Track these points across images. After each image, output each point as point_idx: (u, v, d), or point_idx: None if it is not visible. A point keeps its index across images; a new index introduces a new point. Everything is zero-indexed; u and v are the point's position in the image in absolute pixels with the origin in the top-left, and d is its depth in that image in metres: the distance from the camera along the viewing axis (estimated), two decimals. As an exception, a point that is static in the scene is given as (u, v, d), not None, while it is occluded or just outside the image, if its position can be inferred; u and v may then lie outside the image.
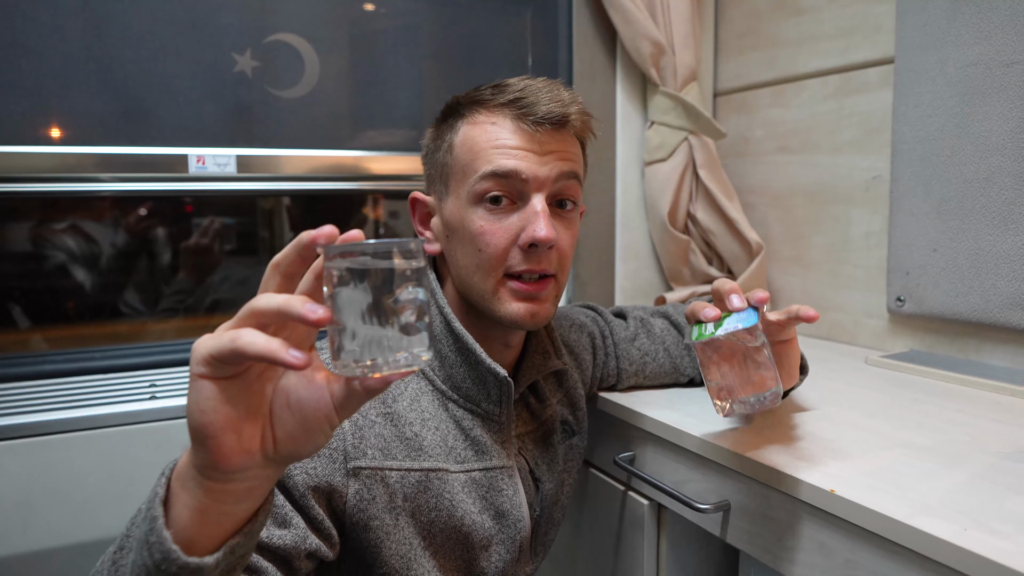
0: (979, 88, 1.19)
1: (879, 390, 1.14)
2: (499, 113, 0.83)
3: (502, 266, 0.82)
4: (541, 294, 0.84)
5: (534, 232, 0.80)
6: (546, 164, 0.82)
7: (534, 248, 0.81)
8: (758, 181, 1.67)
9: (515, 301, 0.83)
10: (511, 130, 0.82)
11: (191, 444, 0.49)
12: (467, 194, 0.82)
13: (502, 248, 0.82)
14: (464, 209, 0.83)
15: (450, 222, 0.85)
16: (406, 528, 0.80)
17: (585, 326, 1.11)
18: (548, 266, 0.83)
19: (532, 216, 0.81)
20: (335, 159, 1.43)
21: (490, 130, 0.83)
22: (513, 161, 0.81)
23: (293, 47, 1.39)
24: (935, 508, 0.71)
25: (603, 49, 1.62)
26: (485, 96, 0.85)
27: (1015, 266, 1.16)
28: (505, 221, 0.82)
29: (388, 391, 0.83)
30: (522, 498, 0.89)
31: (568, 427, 1.02)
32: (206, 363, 0.47)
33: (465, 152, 0.83)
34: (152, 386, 1.23)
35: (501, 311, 0.83)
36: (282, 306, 0.46)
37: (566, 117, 0.83)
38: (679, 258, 1.66)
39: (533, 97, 0.82)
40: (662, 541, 1.08)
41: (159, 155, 1.27)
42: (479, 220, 0.82)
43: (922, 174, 1.29)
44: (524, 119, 0.82)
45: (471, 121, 0.84)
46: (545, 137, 0.82)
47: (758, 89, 1.65)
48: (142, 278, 1.41)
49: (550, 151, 0.83)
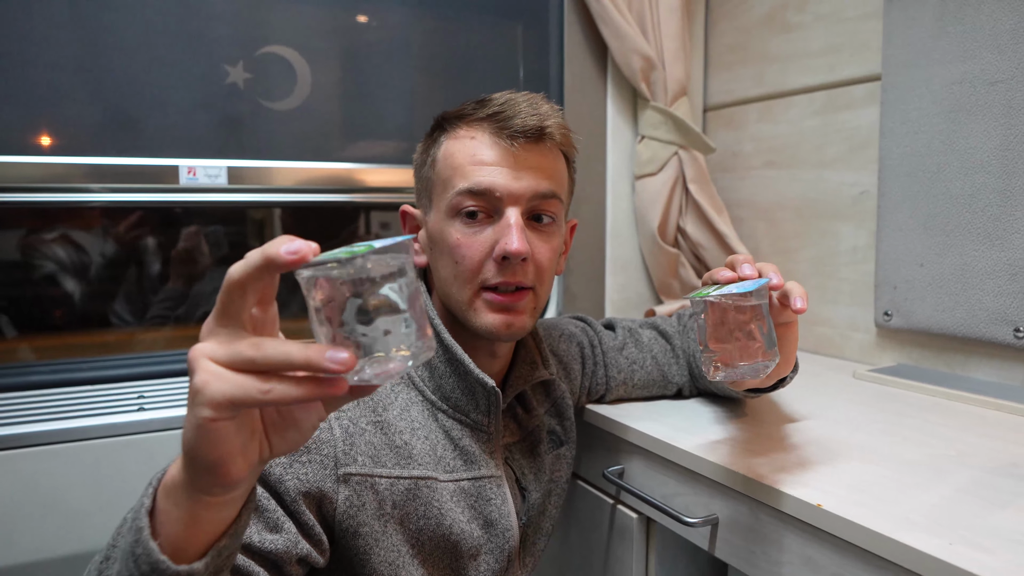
0: (964, 106, 1.21)
1: (866, 404, 1.15)
2: (478, 127, 0.85)
3: (477, 278, 0.84)
4: (517, 305, 0.85)
5: (506, 245, 0.81)
6: (521, 179, 0.83)
7: (507, 261, 0.82)
8: (747, 195, 1.68)
9: (490, 312, 0.84)
10: (488, 144, 0.84)
11: (189, 469, 0.48)
12: (445, 207, 0.85)
13: (477, 260, 0.83)
14: (443, 222, 0.85)
15: (432, 235, 0.88)
16: (395, 535, 0.81)
17: (574, 336, 1.12)
18: (524, 278, 0.84)
19: (505, 229, 0.82)
20: (326, 171, 1.43)
21: (468, 145, 0.85)
22: (488, 178, 0.82)
23: (285, 59, 1.39)
24: (921, 523, 0.72)
25: (594, 64, 1.63)
26: (467, 111, 0.87)
27: (1000, 281, 1.18)
28: (481, 235, 0.84)
29: (378, 400, 0.84)
30: (510, 507, 0.90)
31: (555, 437, 1.03)
32: (221, 408, 0.45)
33: (445, 167, 0.86)
34: (140, 397, 1.23)
35: (477, 322, 0.85)
36: (311, 361, 0.45)
37: (543, 130, 0.84)
38: (669, 271, 1.67)
39: (511, 110, 0.84)
40: (651, 555, 1.08)
41: (150, 166, 1.27)
42: (456, 233, 0.84)
43: (909, 190, 1.30)
44: (501, 133, 0.83)
45: (452, 136, 0.87)
46: (522, 152, 0.84)
47: (747, 104, 1.67)
48: (130, 288, 1.40)
49: (528, 166, 0.84)
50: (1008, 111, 1.15)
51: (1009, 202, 1.16)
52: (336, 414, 0.79)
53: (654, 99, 1.59)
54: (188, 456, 0.47)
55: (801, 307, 0.76)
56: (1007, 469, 0.86)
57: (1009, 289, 1.17)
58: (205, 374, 0.45)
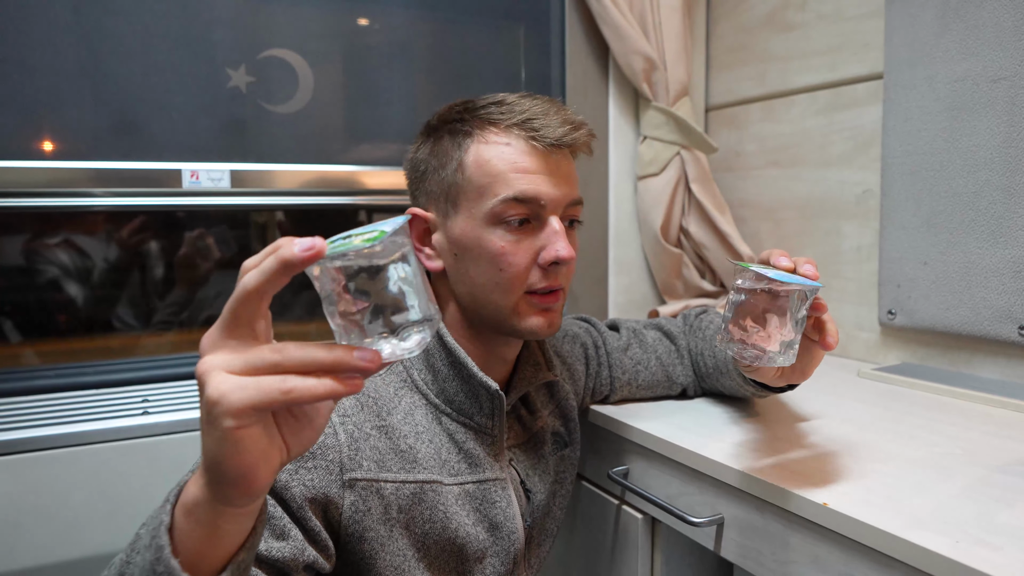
0: (967, 103, 1.21)
1: (871, 403, 1.15)
2: (511, 134, 0.84)
3: (523, 284, 0.85)
4: (555, 306, 0.87)
5: (557, 252, 0.83)
6: (559, 186, 0.85)
7: (555, 267, 0.84)
8: (749, 195, 1.68)
9: (534, 315, 0.86)
10: (525, 151, 0.84)
11: (214, 483, 0.48)
12: (484, 214, 0.83)
13: (524, 267, 0.84)
14: (480, 229, 0.84)
15: (461, 241, 0.85)
16: (400, 540, 0.81)
17: (578, 336, 1.12)
18: (563, 281, 0.87)
19: (552, 236, 0.84)
20: (328, 174, 1.43)
21: (506, 152, 0.84)
22: (533, 186, 0.83)
23: (287, 62, 1.40)
24: (927, 521, 0.72)
25: (596, 65, 1.63)
26: (494, 115, 0.85)
27: (1004, 279, 1.17)
28: (525, 242, 0.84)
29: (382, 404, 0.83)
30: (515, 510, 0.90)
31: (559, 438, 1.03)
32: (244, 415, 0.45)
33: (480, 173, 0.84)
34: (144, 401, 1.23)
35: (522, 325, 0.86)
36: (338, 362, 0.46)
37: (577, 141, 0.86)
38: (672, 272, 1.67)
39: (545, 119, 0.84)
40: (656, 555, 1.08)
41: (153, 170, 1.27)
42: (499, 240, 0.83)
43: (912, 188, 1.30)
44: (539, 141, 0.84)
45: (482, 140, 0.85)
46: (557, 159, 0.85)
47: (749, 104, 1.66)
48: (134, 292, 1.40)
49: (562, 174, 0.86)
50: (1011, 108, 1.15)
51: (1013, 199, 1.16)
52: (341, 419, 0.79)
53: (656, 99, 1.59)
54: (213, 471, 0.47)
55: (831, 344, 0.79)
56: (1013, 467, 0.86)
57: (1013, 287, 1.16)
58: (221, 385, 0.45)
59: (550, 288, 0.86)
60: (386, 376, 0.86)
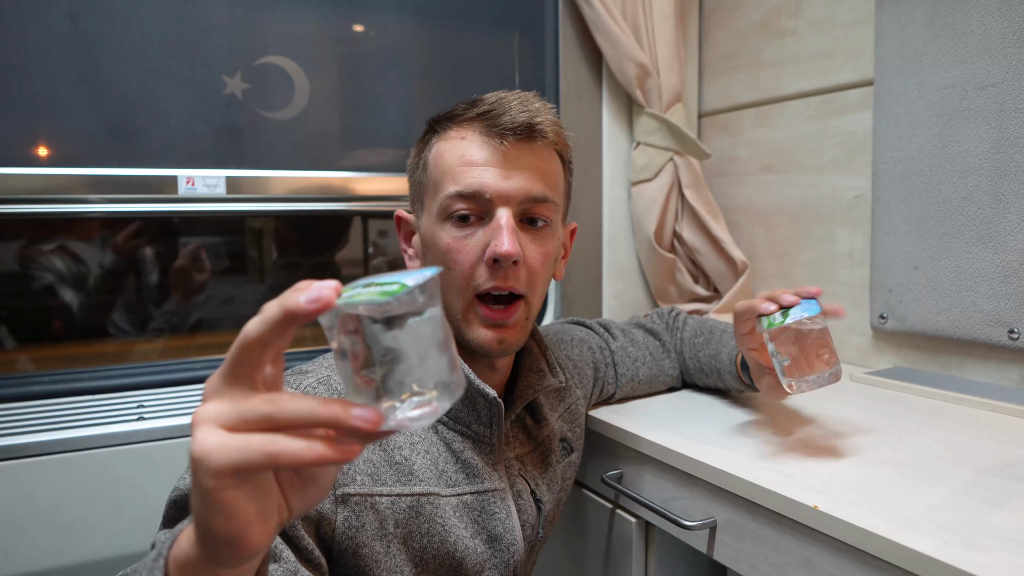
0: (956, 110, 1.22)
1: (863, 407, 1.16)
2: (468, 127, 0.83)
3: (470, 284, 0.81)
4: (509, 320, 0.83)
5: (496, 247, 0.78)
6: (512, 179, 0.81)
7: (498, 264, 0.79)
8: (743, 200, 1.69)
9: (482, 328, 0.82)
10: (478, 144, 0.82)
11: (204, 542, 0.44)
12: (436, 211, 0.83)
13: (468, 265, 0.81)
14: (434, 226, 0.83)
15: (424, 239, 0.86)
16: (398, 556, 0.78)
17: (584, 340, 1.14)
18: (516, 284, 0.81)
19: (495, 231, 0.80)
20: (324, 180, 1.44)
21: (459, 145, 0.83)
22: (477, 179, 0.80)
23: (283, 69, 1.40)
24: (917, 523, 0.73)
25: (589, 71, 1.64)
26: (457, 111, 0.85)
27: (994, 283, 1.18)
28: (472, 238, 0.81)
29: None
30: (515, 521, 0.88)
31: (567, 444, 1.02)
32: (224, 476, 0.41)
33: (435, 169, 0.84)
34: (140, 407, 1.23)
35: (469, 336, 0.83)
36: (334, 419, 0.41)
37: (533, 126, 0.82)
38: (665, 276, 1.68)
39: (501, 108, 0.82)
40: (650, 559, 1.09)
41: (149, 176, 1.28)
42: (447, 237, 0.82)
43: (902, 193, 1.31)
44: (491, 131, 0.81)
45: (443, 137, 0.85)
46: (513, 151, 0.81)
47: (742, 110, 1.68)
48: (130, 298, 1.41)
49: (519, 166, 0.81)
50: (999, 114, 1.16)
51: (1001, 205, 1.17)
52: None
53: (649, 106, 1.60)
54: (201, 529, 0.44)
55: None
56: (1003, 469, 0.87)
57: (1003, 291, 1.18)
58: (204, 442, 0.41)
59: (497, 289, 0.81)
60: None
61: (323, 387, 0.78)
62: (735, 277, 1.61)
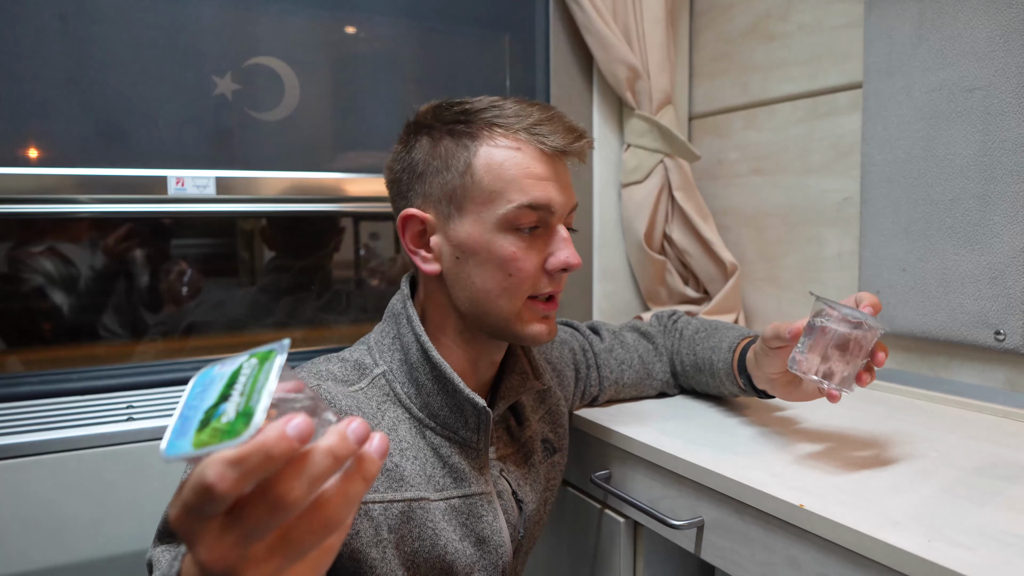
0: (943, 112, 1.23)
1: (850, 407, 1.16)
2: (519, 139, 0.84)
3: (530, 289, 0.86)
4: (553, 313, 0.90)
5: (567, 259, 0.86)
6: (565, 193, 0.87)
7: (562, 273, 0.88)
8: (732, 203, 1.70)
9: (537, 322, 0.88)
10: (535, 158, 0.85)
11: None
12: (496, 220, 0.83)
13: (532, 272, 0.85)
14: (490, 234, 0.84)
15: (467, 245, 0.84)
16: (392, 560, 0.79)
17: (567, 341, 1.14)
18: (562, 287, 0.90)
19: (561, 243, 0.87)
20: (314, 181, 1.44)
21: (517, 157, 0.84)
22: (546, 194, 0.84)
23: (273, 70, 1.40)
24: (903, 521, 0.73)
25: (580, 73, 1.65)
26: (500, 119, 0.85)
27: (981, 285, 1.19)
28: (534, 248, 0.86)
29: (365, 417, 0.81)
30: (502, 523, 0.89)
31: (549, 445, 1.02)
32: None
33: (491, 177, 0.83)
34: (129, 407, 1.23)
35: (525, 331, 0.87)
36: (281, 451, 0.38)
37: (582, 148, 0.88)
38: (656, 278, 1.68)
39: (551, 125, 0.85)
40: (638, 558, 1.09)
41: (138, 176, 1.27)
42: (510, 246, 0.84)
43: (890, 196, 1.32)
44: (546, 147, 0.84)
45: (491, 143, 0.84)
46: (560, 167, 0.87)
47: (731, 113, 1.68)
48: (120, 300, 1.40)
49: (565, 180, 0.88)
50: (986, 117, 1.17)
51: (988, 207, 1.17)
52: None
53: (639, 108, 1.61)
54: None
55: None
56: (988, 469, 0.88)
57: (989, 292, 1.18)
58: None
59: (554, 293, 0.88)
60: (368, 391, 0.85)
61: None
62: (725, 279, 1.62)
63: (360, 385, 0.85)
